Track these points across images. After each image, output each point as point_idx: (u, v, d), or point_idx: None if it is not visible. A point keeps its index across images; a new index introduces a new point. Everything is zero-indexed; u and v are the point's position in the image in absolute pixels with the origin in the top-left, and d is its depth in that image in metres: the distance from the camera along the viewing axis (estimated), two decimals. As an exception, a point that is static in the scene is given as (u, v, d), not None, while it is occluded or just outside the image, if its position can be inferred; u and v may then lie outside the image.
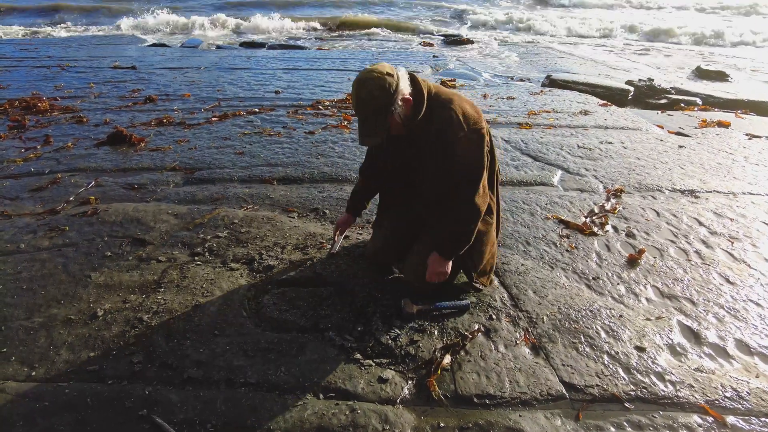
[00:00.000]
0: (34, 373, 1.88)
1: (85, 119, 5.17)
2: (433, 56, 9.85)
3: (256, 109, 5.53)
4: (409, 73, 2.02)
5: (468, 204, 2.03)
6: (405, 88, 1.94)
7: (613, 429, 1.71)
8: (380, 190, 2.48)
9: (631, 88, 7.39)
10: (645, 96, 7.27)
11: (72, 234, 2.84)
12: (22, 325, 2.12)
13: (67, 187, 3.54)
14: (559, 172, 3.92)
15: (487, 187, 2.10)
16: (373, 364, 1.94)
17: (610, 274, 2.59)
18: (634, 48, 12.56)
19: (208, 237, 2.80)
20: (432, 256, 2.13)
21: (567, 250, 2.80)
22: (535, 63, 9.70)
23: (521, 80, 8.12)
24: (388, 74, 1.90)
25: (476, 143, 2.01)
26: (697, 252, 2.81)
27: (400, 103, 1.93)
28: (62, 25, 14.74)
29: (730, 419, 1.76)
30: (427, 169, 2.09)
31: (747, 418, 1.77)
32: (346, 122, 5.06)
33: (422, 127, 2.01)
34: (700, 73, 9.26)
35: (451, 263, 2.15)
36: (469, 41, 12.46)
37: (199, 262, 2.58)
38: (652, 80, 7.70)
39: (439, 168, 2.04)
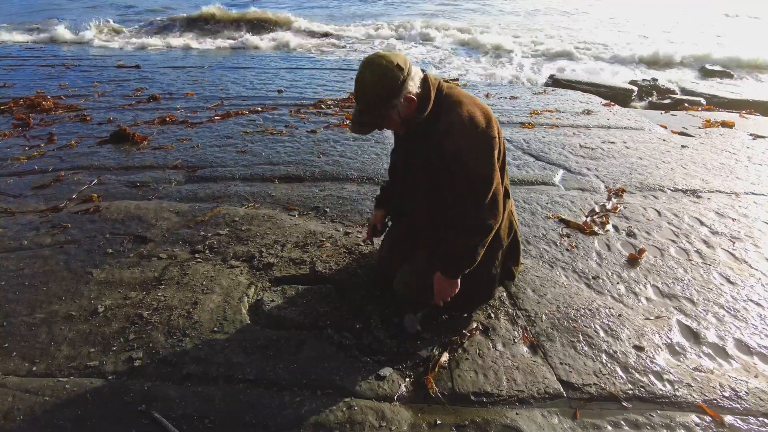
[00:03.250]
0: (35, 369, 1.90)
1: (88, 117, 5.20)
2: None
3: (259, 108, 5.55)
4: (422, 71, 1.86)
5: (472, 221, 1.86)
6: (412, 86, 1.78)
7: (610, 428, 1.71)
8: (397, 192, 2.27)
9: (635, 88, 7.37)
10: (649, 96, 7.25)
11: (74, 231, 2.86)
12: (23, 321, 2.14)
13: (70, 184, 3.57)
14: (561, 172, 3.91)
15: (500, 205, 1.89)
16: (371, 362, 1.95)
17: (609, 274, 2.58)
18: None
19: (209, 235, 2.81)
20: (436, 276, 1.98)
21: (567, 249, 2.79)
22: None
23: (524, 80, 8.11)
24: (398, 67, 1.74)
25: (483, 152, 1.82)
26: (698, 252, 2.80)
27: (402, 101, 1.77)
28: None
29: (728, 419, 1.75)
30: (425, 175, 1.95)
31: (745, 417, 1.76)
32: (348, 121, 5.07)
33: (427, 130, 1.86)
34: (705, 73, 9.22)
35: (458, 281, 1.98)
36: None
37: (199, 260, 2.59)
38: (656, 80, 7.67)
39: (435, 177, 1.89)
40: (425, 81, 1.84)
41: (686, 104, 6.68)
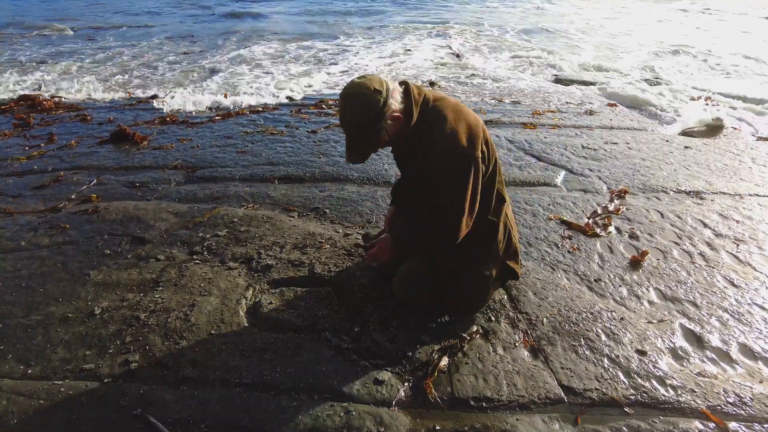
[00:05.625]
0: (30, 371, 1.89)
1: (89, 117, 5.20)
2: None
3: (260, 108, 5.54)
4: (403, 83, 1.90)
5: (435, 232, 1.92)
6: (395, 103, 1.81)
7: (611, 434, 1.68)
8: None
9: (638, 88, 7.31)
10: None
11: (72, 232, 2.85)
12: (20, 323, 2.13)
13: (69, 185, 3.56)
14: (563, 173, 3.88)
15: (464, 226, 1.91)
16: (369, 365, 1.92)
17: (612, 276, 2.55)
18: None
19: (208, 236, 2.79)
20: (385, 239, 2.03)
21: (569, 252, 2.76)
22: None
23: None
24: (376, 90, 1.76)
25: (460, 175, 1.85)
26: (701, 254, 2.76)
27: (389, 121, 1.81)
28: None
29: (732, 425, 1.72)
30: (412, 182, 2.04)
31: (749, 424, 1.73)
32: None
33: (416, 139, 1.90)
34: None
35: (391, 255, 2.02)
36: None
37: (197, 261, 2.57)
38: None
39: (420, 185, 1.95)
40: (407, 93, 1.88)
41: (689, 104, 6.63)
